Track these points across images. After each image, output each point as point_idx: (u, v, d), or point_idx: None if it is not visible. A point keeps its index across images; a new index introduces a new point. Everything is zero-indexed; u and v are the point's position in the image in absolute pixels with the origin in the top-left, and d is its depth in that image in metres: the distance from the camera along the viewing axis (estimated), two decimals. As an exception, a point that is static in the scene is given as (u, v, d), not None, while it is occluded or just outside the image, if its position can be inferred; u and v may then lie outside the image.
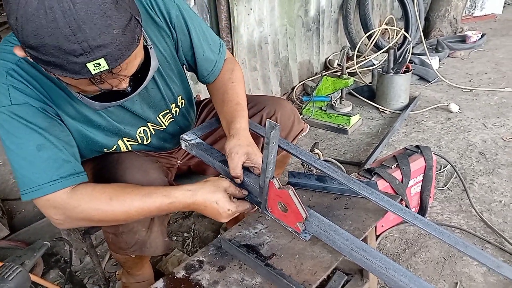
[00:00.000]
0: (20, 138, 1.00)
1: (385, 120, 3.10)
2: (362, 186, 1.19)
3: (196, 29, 1.27)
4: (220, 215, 1.11)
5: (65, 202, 1.03)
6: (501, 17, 5.64)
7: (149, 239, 1.30)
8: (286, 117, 1.47)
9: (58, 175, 1.02)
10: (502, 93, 3.36)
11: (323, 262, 1.07)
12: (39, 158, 1.00)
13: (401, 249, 1.84)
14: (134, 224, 1.24)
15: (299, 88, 3.69)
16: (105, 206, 1.05)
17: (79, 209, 1.04)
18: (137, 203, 1.06)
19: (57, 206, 1.03)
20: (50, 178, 1.01)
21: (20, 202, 2.39)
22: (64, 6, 0.76)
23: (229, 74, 1.38)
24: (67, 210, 1.04)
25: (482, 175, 2.31)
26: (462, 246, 1.05)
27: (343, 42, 4.24)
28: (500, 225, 1.93)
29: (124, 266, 1.57)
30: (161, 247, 1.35)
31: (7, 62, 1.00)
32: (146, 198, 1.07)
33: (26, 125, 1.00)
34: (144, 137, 1.34)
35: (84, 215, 1.05)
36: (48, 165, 1.01)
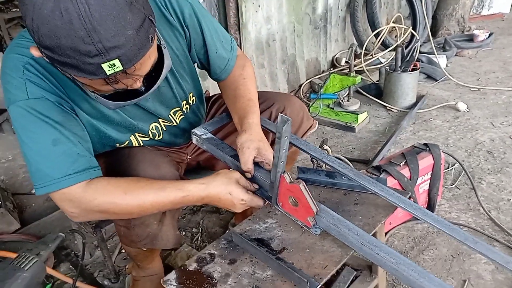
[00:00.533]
0: (36, 132, 1.01)
1: (393, 118, 3.10)
2: (372, 182, 1.20)
3: (208, 27, 1.28)
4: (235, 205, 1.13)
5: (81, 196, 1.04)
6: (509, 16, 5.61)
7: (160, 232, 1.31)
8: (295, 114, 1.48)
9: (73, 169, 1.03)
10: (510, 92, 3.35)
11: (333, 257, 1.07)
12: (55, 152, 1.02)
13: (409, 247, 1.85)
14: (146, 217, 1.25)
15: (306, 85, 3.69)
16: (120, 200, 1.06)
17: (94, 203, 1.05)
18: (151, 197, 1.07)
19: (72, 200, 1.05)
20: (66, 173, 1.02)
21: (31, 196, 2.42)
22: (79, 8, 0.77)
23: (240, 70, 1.39)
24: (83, 203, 1.05)
25: (490, 174, 2.31)
26: (472, 242, 1.06)
27: (350, 40, 4.24)
28: (508, 223, 1.93)
29: (134, 259, 1.59)
30: (173, 240, 1.36)
31: (23, 56, 1.01)
32: (160, 192, 1.08)
33: (42, 120, 1.01)
34: (156, 133, 1.35)
35: (100, 208, 1.06)
36: (64, 160, 1.02)
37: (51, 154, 1.01)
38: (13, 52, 1.02)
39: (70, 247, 1.96)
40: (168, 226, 1.32)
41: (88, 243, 1.92)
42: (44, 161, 1.02)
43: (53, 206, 2.32)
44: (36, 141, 1.01)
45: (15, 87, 1.00)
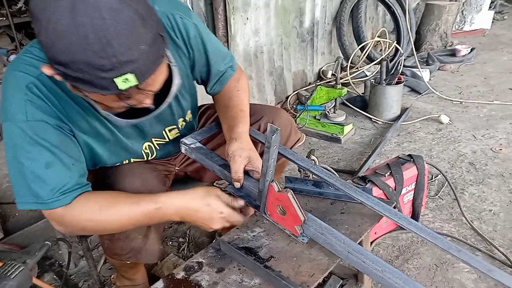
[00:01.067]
0: (30, 153, 1.00)
1: (378, 130, 3.15)
2: (358, 191, 1.22)
3: (212, 47, 1.30)
4: (212, 219, 1.10)
5: (62, 216, 1.05)
6: (490, 32, 5.77)
7: (144, 246, 1.31)
8: (283, 127, 1.50)
9: (61, 192, 1.03)
10: (491, 105, 3.44)
11: (320, 265, 1.09)
12: (47, 174, 1.01)
13: (394, 256, 1.87)
14: (130, 231, 1.26)
15: (293, 97, 3.73)
16: (96, 216, 1.06)
17: (74, 222, 1.06)
18: (125, 211, 1.07)
19: (56, 219, 1.06)
20: (53, 195, 1.02)
21: (14, 205, 2.37)
22: (95, 23, 0.77)
23: (235, 82, 1.41)
24: (65, 222, 1.07)
25: (472, 185, 2.36)
26: (455, 250, 1.09)
27: (336, 53, 4.31)
28: (490, 233, 1.97)
29: (118, 270, 1.58)
30: (157, 254, 1.37)
31: (27, 75, 1.00)
32: (134, 205, 1.07)
33: (38, 142, 1.00)
34: (149, 153, 1.36)
35: (80, 226, 1.08)
36: (54, 182, 1.02)
37: (42, 175, 1.01)
38: (17, 69, 1.01)
39: (54, 257, 1.93)
40: (152, 241, 1.32)
41: (73, 252, 1.89)
42: (35, 180, 1.01)
43: (37, 215, 2.28)
44: (30, 161, 1.01)
45: (14, 106, 0.99)
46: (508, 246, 1.88)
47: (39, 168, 1.00)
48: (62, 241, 1.50)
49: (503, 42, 5.26)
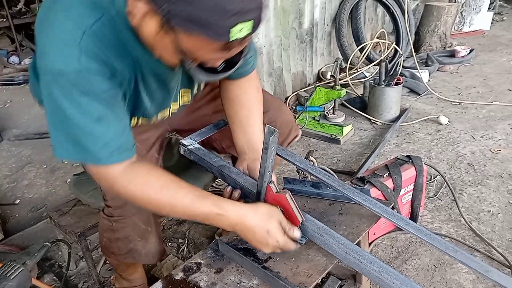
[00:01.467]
0: (82, 105, 0.93)
1: (377, 131, 3.16)
2: (356, 192, 1.23)
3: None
4: (267, 245, 1.06)
5: (117, 177, 1.01)
6: (489, 33, 5.78)
7: (144, 249, 1.32)
8: (285, 125, 1.50)
9: (116, 147, 0.98)
10: (490, 106, 3.45)
11: (318, 265, 1.10)
12: (98, 129, 0.95)
13: (393, 257, 1.88)
14: (130, 232, 1.27)
15: (293, 98, 3.74)
16: (154, 194, 1.03)
17: (128, 188, 1.02)
18: (186, 201, 1.04)
19: (107, 179, 1.02)
20: (107, 152, 0.97)
21: (14, 206, 2.40)
22: None
23: (255, 91, 1.37)
24: (116, 185, 1.03)
25: (471, 186, 2.37)
26: (453, 251, 1.09)
27: (335, 54, 4.32)
28: (488, 234, 1.98)
29: (116, 269, 1.59)
30: (156, 256, 1.37)
31: (84, 21, 0.91)
32: (197, 199, 1.04)
33: (89, 94, 0.93)
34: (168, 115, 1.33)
35: (131, 195, 1.04)
36: (107, 138, 0.97)
37: (94, 129, 0.95)
38: (68, 13, 0.91)
39: (54, 258, 1.94)
40: (152, 244, 1.32)
41: (73, 253, 1.90)
42: (85, 135, 0.95)
43: (37, 216, 2.30)
44: (80, 114, 0.93)
45: (65, 55, 0.89)
46: (507, 247, 1.89)
47: (90, 121, 0.94)
48: (62, 242, 1.50)
49: (502, 43, 5.27)
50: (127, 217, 1.26)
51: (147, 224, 1.30)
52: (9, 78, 4.74)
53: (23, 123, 3.62)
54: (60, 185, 2.61)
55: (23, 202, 2.46)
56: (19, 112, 3.88)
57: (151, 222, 1.31)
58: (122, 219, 1.27)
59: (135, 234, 1.28)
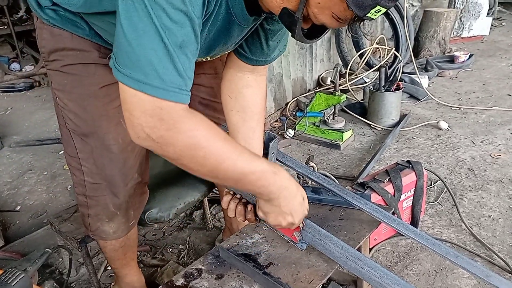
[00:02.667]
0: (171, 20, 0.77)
1: (377, 136, 3.17)
2: (356, 197, 1.23)
3: None
4: (300, 212, 1.07)
5: (184, 117, 0.84)
6: (488, 39, 5.81)
7: (111, 229, 1.37)
8: None
9: (186, 84, 0.83)
10: (489, 111, 3.46)
11: (319, 271, 1.10)
12: (179, 56, 0.80)
13: (394, 262, 1.88)
14: (100, 212, 1.32)
15: (293, 104, 3.75)
16: (219, 143, 0.89)
17: (192, 132, 0.85)
18: (245, 157, 0.94)
19: (173, 117, 0.83)
20: (179, 85, 0.81)
21: (15, 213, 2.40)
22: None
23: (263, 99, 1.31)
24: (181, 126, 0.84)
25: (471, 191, 2.37)
26: (453, 256, 1.09)
27: (335, 60, 4.34)
28: (489, 239, 1.98)
29: (111, 264, 1.59)
30: (124, 232, 1.41)
31: None
32: (254, 157, 0.97)
33: (183, 11, 0.78)
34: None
35: (194, 141, 0.86)
36: (183, 70, 0.82)
37: (175, 54, 0.79)
38: None
39: (54, 264, 1.94)
40: (120, 225, 1.37)
41: (74, 260, 1.90)
42: (164, 57, 0.78)
43: (38, 223, 2.30)
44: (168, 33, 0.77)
45: None
46: (507, 252, 1.88)
47: (174, 44, 0.78)
48: (63, 248, 1.50)
49: (501, 48, 5.29)
50: (100, 196, 1.30)
51: (117, 208, 1.33)
52: (10, 85, 4.76)
53: (24, 130, 3.63)
54: (61, 192, 2.61)
55: (24, 209, 2.46)
56: (20, 119, 3.89)
57: (121, 207, 1.33)
58: (95, 197, 1.30)
59: (103, 214, 1.32)
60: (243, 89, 1.25)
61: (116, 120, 1.23)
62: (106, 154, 1.24)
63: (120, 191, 1.30)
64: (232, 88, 1.26)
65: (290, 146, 3.13)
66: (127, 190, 1.31)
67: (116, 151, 1.25)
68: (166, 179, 1.65)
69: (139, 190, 1.38)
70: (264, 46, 1.18)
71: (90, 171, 1.28)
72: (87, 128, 1.23)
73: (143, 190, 1.43)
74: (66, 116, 1.24)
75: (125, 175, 1.29)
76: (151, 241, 2.13)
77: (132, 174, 1.31)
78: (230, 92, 1.26)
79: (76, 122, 1.23)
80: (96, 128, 1.22)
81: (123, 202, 1.33)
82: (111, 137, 1.23)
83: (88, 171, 1.28)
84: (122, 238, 1.42)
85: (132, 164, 1.31)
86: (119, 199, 1.31)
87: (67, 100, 1.21)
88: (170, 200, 1.55)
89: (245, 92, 1.25)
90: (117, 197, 1.31)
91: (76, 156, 1.27)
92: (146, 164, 1.40)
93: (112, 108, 1.21)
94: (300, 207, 1.07)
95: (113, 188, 1.29)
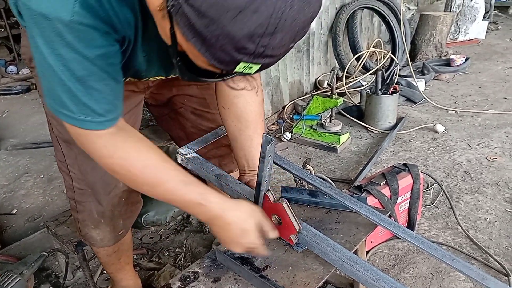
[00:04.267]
0: (67, 60, 0.81)
1: (374, 139, 3.17)
2: (353, 200, 1.23)
3: None
4: (237, 244, 1.03)
5: (96, 145, 0.93)
6: (484, 42, 5.84)
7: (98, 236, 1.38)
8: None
9: (99, 112, 0.88)
10: (486, 114, 3.47)
11: (315, 274, 1.10)
12: (79, 87, 0.84)
13: (390, 265, 1.88)
14: (86, 217, 1.33)
15: (290, 107, 3.76)
16: (136, 170, 0.95)
17: (107, 160, 0.95)
18: (169, 186, 0.98)
19: (86, 145, 0.94)
20: (87, 114, 0.87)
21: (11, 216, 2.39)
22: (279, 6, 0.64)
23: (260, 107, 1.30)
24: (94, 154, 0.95)
25: (467, 194, 2.38)
26: (449, 259, 1.10)
27: (332, 63, 4.35)
28: (485, 242, 1.98)
29: (106, 269, 1.59)
30: (112, 240, 1.41)
31: None
32: (182, 185, 0.98)
33: (77, 50, 0.81)
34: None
35: (111, 168, 0.96)
36: (88, 99, 0.86)
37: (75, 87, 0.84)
38: None
39: (51, 268, 1.93)
40: (106, 233, 1.37)
41: (70, 263, 1.89)
42: (65, 91, 0.84)
43: (34, 226, 2.29)
44: (64, 70, 0.82)
45: (58, 1, 0.77)
46: (503, 255, 1.89)
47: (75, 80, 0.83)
48: (59, 252, 1.50)
49: (497, 52, 5.32)
50: (86, 202, 1.31)
51: (100, 216, 1.33)
52: (7, 87, 4.75)
53: (21, 133, 3.62)
54: (57, 195, 2.60)
55: (20, 212, 2.45)
56: (17, 122, 3.88)
57: (105, 215, 1.34)
58: (82, 203, 1.32)
59: (89, 220, 1.33)
60: (234, 99, 1.25)
61: None
62: (88, 162, 1.22)
63: (103, 199, 1.31)
64: (224, 99, 1.26)
65: (287, 149, 3.13)
66: (109, 198, 1.31)
67: None
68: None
69: (130, 199, 1.38)
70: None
71: (77, 177, 1.29)
72: (69, 135, 1.23)
73: (135, 200, 1.43)
74: (52, 121, 1.26)
75: (107, 183, 1.29)
76: (148, 244, 2.12)
77: (115, 183, 1.30)
78: (224, 103, 1.27)
79: (59, 129, 1.24)
80: None
81: (106, 210, 1.33)
82: None
83: (75, 176, 1.29)
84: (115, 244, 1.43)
85: None
86: (102, 207, 1.32)
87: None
88: (167, 203, 1.54)
89: (236, 102, 1.25)
90: (100, 204, 1.31)
91: (64, 161, 1.29)
92: None
93: None
94: (239, 239, 1.02)
95: (96, 195, 1.30)
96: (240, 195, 1.21)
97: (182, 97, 1.44)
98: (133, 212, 1.44)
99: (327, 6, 4.07)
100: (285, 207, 1.06)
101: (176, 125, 1.54)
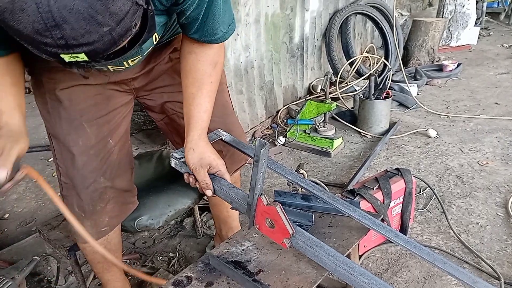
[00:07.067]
0: None
1: (367, 144, 3.19)
2: (345, 204, 1.24)
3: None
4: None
5: None
6: (476, 48, 5.90)
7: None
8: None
9: None
10: (477, 119, 3.51)
11: (308, 278, 1.10)
12: None
13: (383, 269, 1.89)
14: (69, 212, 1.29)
15: (284, 111, 3.77)
16: None
17: None
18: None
19: None
20: None
21: (3, 221, 2.37)
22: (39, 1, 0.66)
23: (211, 66, 1.26)
24: None
25: (459, 198, 2.39)
26: (441, 262, 1.10)
27: (326, 68, 4.37)
28: (477, 245, 2.00)
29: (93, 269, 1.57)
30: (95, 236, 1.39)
31: None
32: None
33: None
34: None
35: None
36: None
37: None
38: None
39: (43, 272, 1.91)
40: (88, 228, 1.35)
41: (62, 268, 1.88)
42: None
43: (26, 231, 2.27)
44: None
45: None
46: (495, 259, 1.91)
47: None
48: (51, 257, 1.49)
49: (489, 58, 5.38)
50: (69, 196, 1.33)
51: (81, 210, 1.34)
52: None
53: (13, 137, 3.59)
54: (50, 200, 2.57)
55: (12, 216, 2.43)
56: (9, 126, 3.84)
57: (85, 209, 1.34)
58: (67, 196, 1.34)
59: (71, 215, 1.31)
60: (187, 54, 1.25)
61: (77, 122, 1.28)
62: (69, 155, 1.29)
63: (82, 192, 1.32)
64: (181, 52, 1.27)
65: (281, 154, 3.14)
66: (88, 192, 1.32)
67: (75, 152, 1.29)
68: (156, 186, 1.65)
69: (119, 198, 1.39)
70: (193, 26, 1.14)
71: (63, 171, 1.33)
72: (52, 129, 1.30)
73: (127, 200, 1.44)
74: (42, 117, 1.31)
75: (84, 177, 1.31)
76: (141, 248, 2.12)
77: (93, 177, 1.32)
78: (180, 56, 1.28)
79: (46, 124, 1.31)
80: (59, 130, 1.28)
81: (85, 205, 1.34)
82: (70, 139, 1.28)
83: (62, 170, 1.33)
84: (100, 240, 1.41)
85: (95, 168, 1.32)
86: (82, 201, 1.33)
87: (38, 103, 1.30)
88: (161, 208, 1.54)
89: (188, 57, 1.25)
90: (80, 198, 1.33)
91: (55, 156, 1.34)
92: (124, 173, 1.41)
93: (73, 111, 1.27)
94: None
95: (76, 189, 1.32)
96: (233, 199, 1.21)
97: (173, 103, 1.49)
98: (123, 211, 1.43)
99: (321, 12, 4.10)
100: (278, 211, 1.07)
101: (171, 130, 1.58)
